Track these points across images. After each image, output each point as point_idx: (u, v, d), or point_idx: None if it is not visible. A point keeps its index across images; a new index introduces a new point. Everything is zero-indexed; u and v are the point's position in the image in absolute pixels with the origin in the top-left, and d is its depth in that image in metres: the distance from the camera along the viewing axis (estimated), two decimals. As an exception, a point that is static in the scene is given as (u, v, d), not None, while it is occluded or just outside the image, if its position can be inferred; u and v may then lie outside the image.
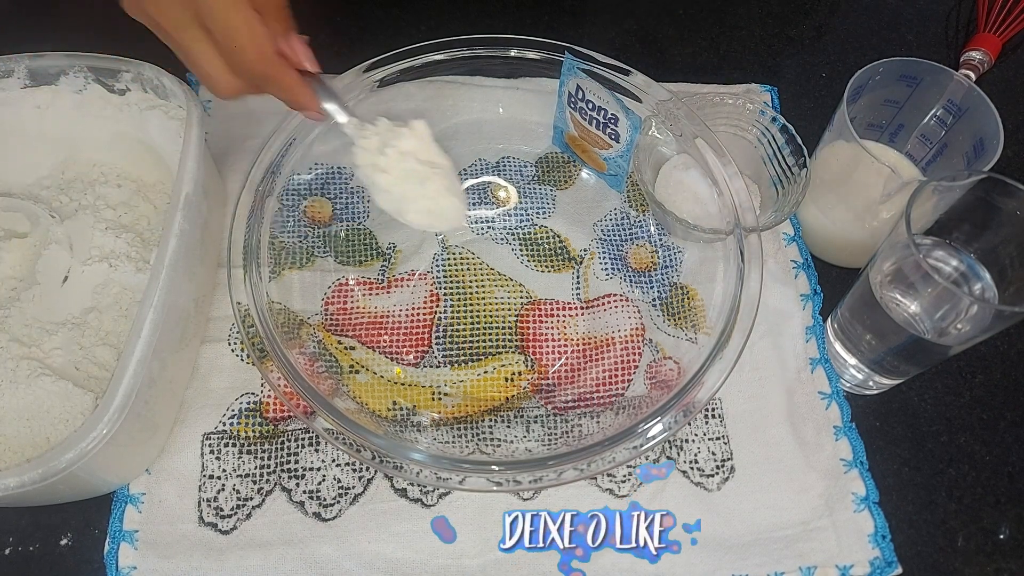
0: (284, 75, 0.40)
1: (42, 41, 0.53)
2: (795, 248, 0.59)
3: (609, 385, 0.52)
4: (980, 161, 0.51)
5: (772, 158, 0.58)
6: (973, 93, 0.52)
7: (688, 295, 0.55)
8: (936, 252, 0.50)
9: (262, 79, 0.40)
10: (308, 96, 0.42)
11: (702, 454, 0.51)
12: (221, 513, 0.47)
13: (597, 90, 0.53)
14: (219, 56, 0.38)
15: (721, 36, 0.71)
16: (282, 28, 0.40)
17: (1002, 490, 0.51)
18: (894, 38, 0.72)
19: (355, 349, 0.53)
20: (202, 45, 0.38)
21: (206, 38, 0.38)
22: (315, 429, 0.43)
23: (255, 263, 0.48)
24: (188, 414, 0.50)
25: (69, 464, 0.39)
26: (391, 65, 0.55)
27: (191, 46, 0.38)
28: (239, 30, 0.37)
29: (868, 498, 0.49)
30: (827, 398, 0.53)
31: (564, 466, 0.43)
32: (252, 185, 0.50)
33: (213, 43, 0.38)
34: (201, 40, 0.38)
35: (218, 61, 0.39)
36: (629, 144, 0.54)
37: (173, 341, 0.46)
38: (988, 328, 0.44)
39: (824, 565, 0.48)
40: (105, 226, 0.51)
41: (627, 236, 0.58)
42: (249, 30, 0.37)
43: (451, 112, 0.61)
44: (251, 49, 0.38)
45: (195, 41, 0.38)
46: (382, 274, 0.56)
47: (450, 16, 0.70)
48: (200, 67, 0.39)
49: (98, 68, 0.51)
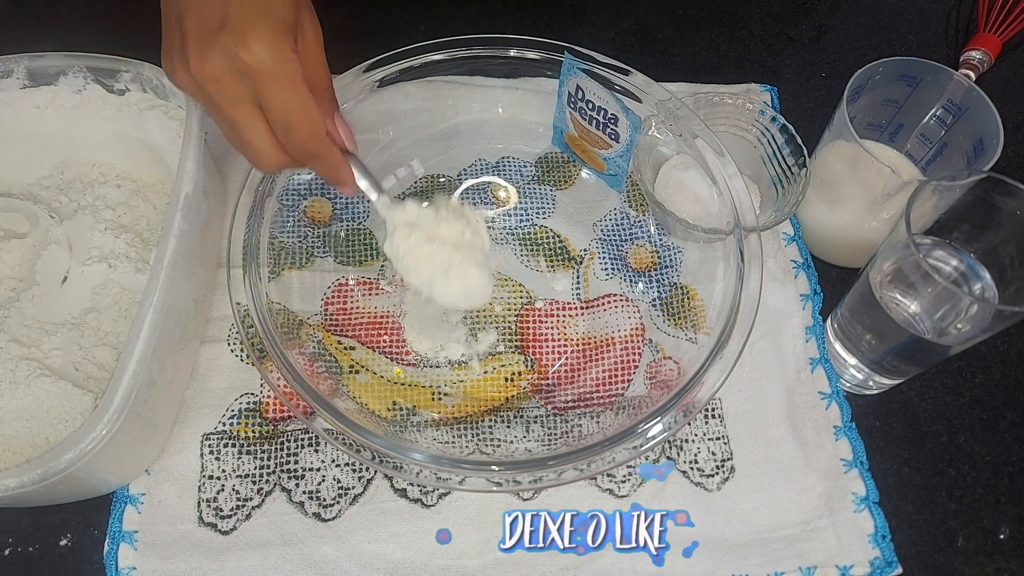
0: (330, 154, 0.42)
1: (42, 41, 0.53)
2: (795, 248, 0.59)
3: (609, 385, 0.52)
4: (980, 161, 0.51)
5: (772, 158, 0.58)
6: (973, 93, 0.52)
7: (688, 295, 0.55)
8: (936, 252, 0.50)
9: (310, 156, 0.41)
10: (349, 175, 0.43)
11: (702, 454, 0.51)
12: (221, 513, 0.47)
13: (597, 90, 0.53)
14: (269, 132, 0.39)
15: (721, 36, 0.71)
16: (329, 107, 0.41)
17: (1002, 490, 0.51)
18: (894, 38, 0.72)
19: (355, 349, 0.53)
20: (255, 121, 0.39)
21: (259, 115, 0.39)
22: (315, 429, 0.43)
23: (255, 263, 0.48)
24: (188, 414, 0.50)
25: (69, 464, 0.39)
26: (391, 65, 0.55)
27: (243, 122, 0.39)
28: (296, 110, 0.38)
29: (868, 498, 0.49)
30: (827, 398, 0.53)
31: (564, 466, 0.43)
32: (252, 185, 0.50)
33: (265, 120, 0.39)
34: (254, 116, 0.39)
35: (269, 137, 0.39)
36: (629, 144, 0.54)
37: (173, 341, 0.46)
38: (988, 328, 0.44)
39: (824, 565, 0.48)
40: (104, 226, 0.51)
41: (627, 236, 0.58)
42: (305, 111, 0.38)
43: (451, 112, 0.61)
44: (306, 128, 0.39)
45: (248, 117, 0.39)
46: (382, 274, 0.56)
47: (450, 16, 0.70)
48: (249, 142, 0.40)
49: (98, 68, 0.51)
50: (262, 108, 0.38)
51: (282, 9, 0.37)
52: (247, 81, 0.37)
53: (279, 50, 0.36)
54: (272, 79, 0.37)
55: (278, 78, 0.37)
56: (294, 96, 0.38)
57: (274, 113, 0.38)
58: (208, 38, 0.36)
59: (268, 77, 0.37)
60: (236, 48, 0.36)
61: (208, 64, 0.36)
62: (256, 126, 0.39)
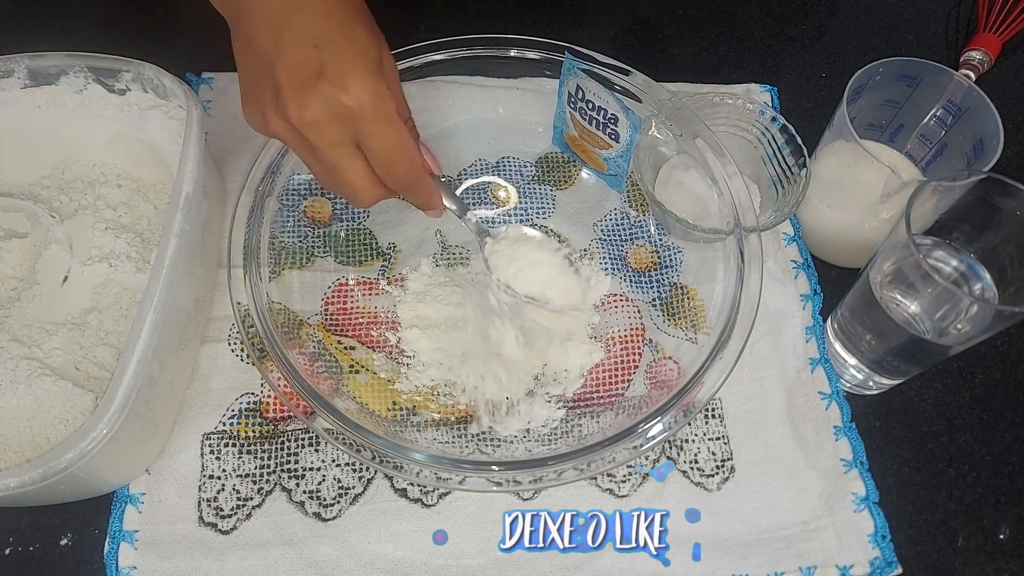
0: (425, 183, 0.43)
1: (42, 41, 0.53)
2: (795, 248, 0.59)
3: (609, 385, 0.52)
4: (980, 161, 0.51)
5: (772, 158, 0.58)
6: (973, 93, 0.52)
7: (688, 295, 0.55)
8: (936, 252, 0.50)
9: (406, 187, 0.42)
10: (439, 200, 0.46)
11: (702, 454, 0.51)
12: (221, 513, 0.47)
13: (597, 90, 0.53)
14: (368, 169, 0.40)
15: (721, 36, 0.71)
16: (416, 136, 0.43)
17: (1002, 490, 0.51)
18: (894, 38, 0.72)
19: (355, 349, 0.53)
20: (354, 161, 0.40)
21: (358, 154, 0.40)
22: (315, 429, 0.43)
23: (255, 263, 0.48)
24: (188, 414, 0.50)
25: (69, 464, 0.39)
26: (391, 65, 0.55)
27: (343, 163, 0.40)
28: (397, 147, 0.39)
29: (868, 498, 0.49)
30: (827, 398, 0.53)
31: (564, 466, 0.43)
32: (252, 185, 0.50)
33: (363, 158, 0.40)
34: (354, 157, 0.40)
35: (368, 174, 0.41)
36: (629, 144, 0.54)
37: (173, 341, 0.46)
38: (988, 328, 0.44)
39: (824, 565, 0.48)
40: (105, 226, 0.51)
41: (627, 236, 0.58)
42: (403, 146, 0.40)
43: (451, 112, 0.61)
44: (405, 162, 0.40)
45: (348, 158, 0.39)
46: (382, 274, 0.56)
47: (450, 16, 0.70)
48: (349, 181, 0.40)
49: (98, 68, 0.51)
50: (361, 147, 0.39)
51: (373, 50, 0.38)
52: (348, 124, 0.38)
53: (376, 89, 0.37)
54: (373, 119, 0.38)
55: (379, 118, 0.38)
56: (394, 133, 0.39)
57: (375, 151, 0.39)
58: (307, 86, 0.37)
59: (370, 118, 0.38)
60: (337, 94, 0.37)
61: (309, 111, 0.37)
62: (356, 166, 0.40)
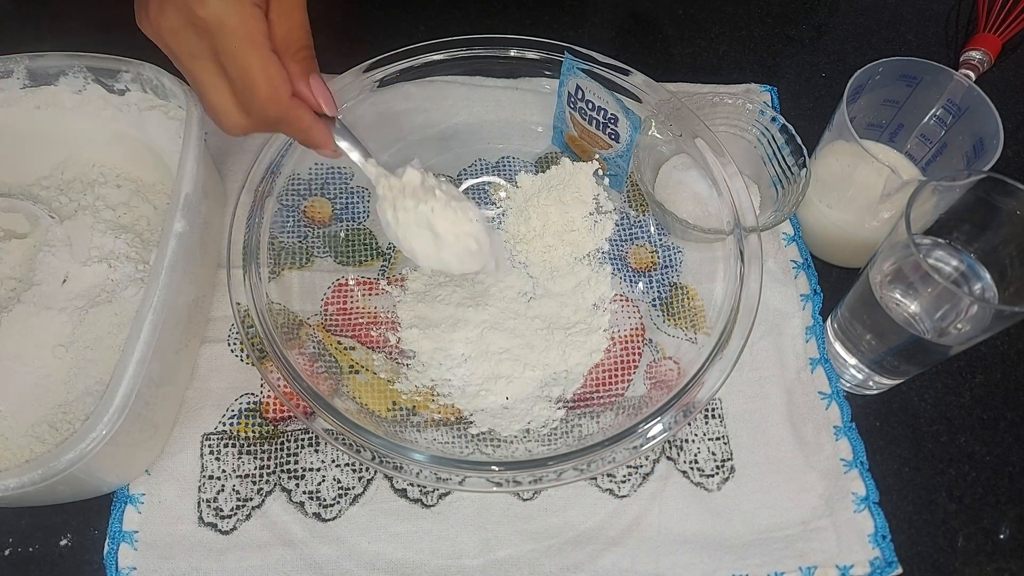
0: (297, 117, 0.39)
1: (42, 41, 0.53)
2: (795, 248, 0.59)
3: (609, 385, 0.52)
4: (980, 161, 0.51)
5: (772, 158, 0.58)
6: (973, 93, 0.52)
7: (688, 295, 0.55)
8: (936, 252, 0.50)
9: (274, 121, 0.39)
10: (323, 138, 0.41)
11: (702, 454, 0.51)
12: (221, 513, 0.47)
13: (597, 90, 0.53)
14: (231, 92, 0.38)
15: (721, 36, 0.71)
16: (301, 69, 0.39)
17: (1002, 490, 0.51)
18: (894, 38, 0.72)
19: (355, 349, 0.53)
20: (215, 79, 0.37)
21: (220, 72, 0.37)
22: (315, 429, 0.43)
23: (255, 263, 0.48)
24: (188, 414, 0.50)
25: (69, 465, 0.39)
26: (391, 65, 0.55)
27: (203, 78, 0.37)
28: (254, 72, 0.36)
29: (868, 498, 0.49)
30: (827, 398, 0.53)
31: (564, 466, 0.43)
32: (252, 185, 0.50)
33: (226, 79, 0.37)
34: (214, 74, 0.37)
35: (229, 97, 0.38)
36: (629, 144, 0.54)
37: (173, 342, 0.46)
38: (988, 328, 0.44)
39: (824, 565, 0.48)
40: (104, 226, 0.51)
41: (627, 236, 0.58)
42: (265, 72, 0.36)
43: (451, 112, 0.61)
44: (265, 91, 0.37)
45: (208, 74, 0.37)
46: (382, 274, 0.56)
47: (450, 16, 0.70)
48: (210, 101, 0.38)
49: (98, 68, 0.51)
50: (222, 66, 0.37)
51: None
52: (204, 36, 0.35)
53: (237, 5, 0.35)
54: (229, 36, 0.35)
55: (236, 35, 0.35)
56: (253, 54, 0.36)
57: (232, 72, 0.36)
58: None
59: (225, 34, 0.35)
60: (193, 5, 0.35)
61: (165, 16, 0.35)
62: (216, 84, 0.37)
